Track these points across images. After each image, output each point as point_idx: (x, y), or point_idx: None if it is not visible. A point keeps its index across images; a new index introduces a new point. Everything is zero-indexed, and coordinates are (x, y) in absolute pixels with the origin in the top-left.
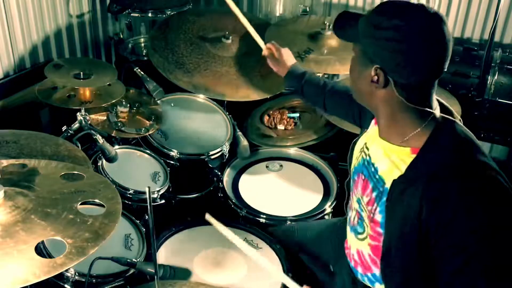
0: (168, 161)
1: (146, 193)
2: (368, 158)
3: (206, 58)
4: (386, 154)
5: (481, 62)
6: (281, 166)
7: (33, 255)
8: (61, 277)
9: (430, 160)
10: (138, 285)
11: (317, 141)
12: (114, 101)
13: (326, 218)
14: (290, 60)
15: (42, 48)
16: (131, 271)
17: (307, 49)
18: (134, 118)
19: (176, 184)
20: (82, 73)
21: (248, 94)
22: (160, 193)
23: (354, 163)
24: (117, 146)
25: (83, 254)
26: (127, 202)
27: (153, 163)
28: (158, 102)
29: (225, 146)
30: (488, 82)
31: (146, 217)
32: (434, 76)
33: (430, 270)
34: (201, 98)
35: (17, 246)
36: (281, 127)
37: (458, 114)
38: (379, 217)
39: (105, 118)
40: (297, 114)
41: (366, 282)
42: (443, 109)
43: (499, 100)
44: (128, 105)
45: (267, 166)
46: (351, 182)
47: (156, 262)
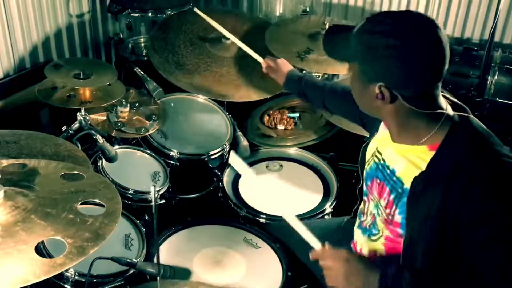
0: (168, 161)
1: (151, 192)
2: (382, 161)
3: (206, 58)
4: (402, 155)
5: (481, 62)
6: (281, 166)
7: (33, 255)
8: (61, 277)
9: (450, 155)
10: (138, 285)
11: (317, 141)
12: (114, 101)
13: (326, 218)
14: (287, 67)
15: (42, 48)
16: (131, 271)
17: (307, 49)
18: (134, 118)
19: (176, 184)
20: (82, 73)
21: (248, 94)
22: (160, 193)
23: (367, 168)
24: (117, 146)
25: (83, 254)
26: (127, 202)
27: (153, 163)
28: (158, 102)
29: (225, 146)
30: (488, 82)
31: (147, 217)
32: (437, 80)
33: (453, 263)
34: (201, 98)
35: (17, 246)
36: (281, 127)
37: None
38: (399, 218)
39: (105, 118)
40: (297, 114)
41: None
42: (455, 105)
43: (499, 100)
44: (128, 105)
45: (267, 166)
46: (365, 188)
47: (159, 261)
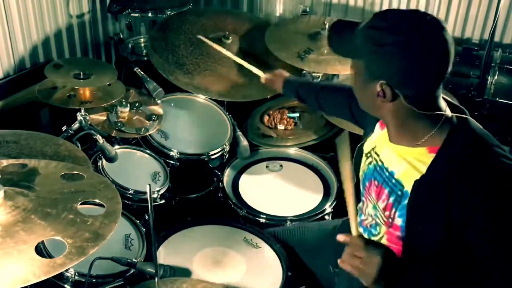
0: (168, 161)
1: (147, 191)
2: (379, 163)
3: (206, 58)
4: (401, 156)
5: (481, 62)
6: (281, 166)
7: (33, 255)
8: (61, 277)
9: (451, 158)
10: (138, 285)
11: (317, 141)
12: (114, 101)
13: (327, 218)
14: (285, 74)
15: (42, 48)
16: (131, 271)
17: (307, 49)
18: (134, 118)
19: (176, 184)
20: (82, 73)
21: (248, 94)
22: (160, 193)
23: (363, 168)
24: (117, 146)
25: (83, 254)
26: (127, 202)
27: (153, 163)
28: (158, 102)
29: (225, 146)
30: (488, 82)
31: (146, 217)
32: (440, 81)
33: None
34: (201, 98)
35: (17, 246)
36: (281, 127)
37: None
38: (399, 221)
39: (105, 118)
40: (297, 114)
41: None
42: (453, 106)
43: (499, 100)
44: (128, 105)
45: (267, 166)
46: (362, 188)
47: (156, 261)
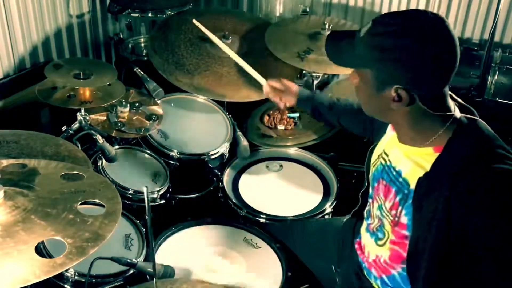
0: (168, 161)
1: (144, 192)
2: (388, 163)
3: (206, 58)
4: (407, 156)
5: (481, 62)
6: (281, 166)
7: (33, 255)
8: (61, 277)
9: (454, 157)
10: (137, 285)
11: (317, 141)
12: (114, 101)
13: (326, 218)
14: (294, 86)
15: (42, 48)
16: (131, 271)
17: (307, 49)
18: (134, 118)
19: (176, 184)
20: (82, 73)
21: (248, 94)
22: (160, 193)
23: (373, 170)
24: (117, 146)
25: (83, 254)
26: (127, 202)
27: (153, 163)
28: (158, 102)
29: (225, 146)
30: (488, 82)
31: (146, 217)
32: (450, 78)
33: (456, 262)
34: (201, 98)
35: (17, 246)
36: (281, 127)
37: None
38: (405, 219)
39: (105, 118)
40: (297, 114)
41: (378, 284)
42: (462, 107)
43: (499, 100)
44: (128, 105)
45: (267, 166)
46: (371, 190)
47: (154, 261)
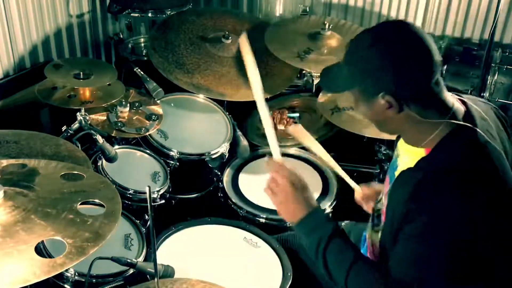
0: (168, 161)
1: (146, 192)
2: (395, 157)
3: (206, 58)
4: (405, 154)
5: (481, 62)
6: None
7: (33, 255)
8: (61, 277)
9: (436, 159)
10: (137, 284)
11: (317, 141)
12: (114, 101)
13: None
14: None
15: (42, 48)
16: (131, 271)
17: (307, 49)
18: (134, 118)
19: (176, 184)
20: (82, 73)
21: (248, 94)
22: (160, 193)
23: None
24: (117, 146)
25: (83, 254)
26: (127, 202)
27: (153, 163)
28: (158, 102)
29: (225, 146)
30: (488, 82)
31: (146, 217)
32: (431, 73)
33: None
34: (201, 98)
35: (17, 246)
36: (281, 127)
37: None
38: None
39: (105, 118)
40: (297, 114)
41: None
42: (467, 112)
43: (499, 100)
44: (128, 105)
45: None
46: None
47: (156, 261)
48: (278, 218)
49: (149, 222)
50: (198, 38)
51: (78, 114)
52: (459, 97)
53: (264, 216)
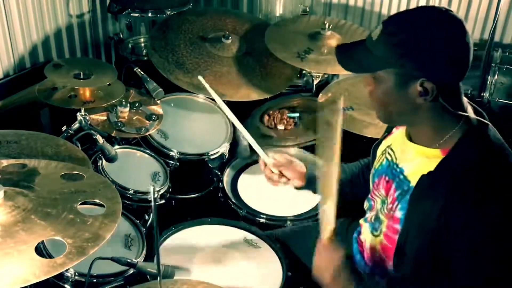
0: (168, 161)
1: (150, 192)
2: (394, 160)
3: (206, 58)
4: (415, 155)
5: (481, 62)
6: None
7: (33, 255)
8: (61, 277)
9: (459, 160)
10: (138, 285)
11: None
12: (114, 101)
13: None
14: (301, 166)
15: (42, 48)
16: (131, 271)
17: (307, 49)
18: (134, 118)
19: (176, 184)
20: (82, 73)
21: (248, 94)
22: (160, 193)
23: (375, 166)
24: (117, 146)
25: (83, 254)
26: (127, 202)
27: (153, 163)
28: (158, 102)
29: (225, 146)
30: (488, 82)
31: (146, 217)
32: (467, 68)
33: (440, 264)
34: (201, 98)
35: (17, 246)
36: (281, 127)
37: None
38: (399, 214)
39: (105, 118)
40: (297, 114)
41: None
42: (475, 110)
43: (499, 100)
44: (128, 105)
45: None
46: (372, 184)
47: (159, 261)
48: (278, 218)
49: (149, 222)
50: (198, 38)
51: (78, 114)
52: None
53: (264, 216)
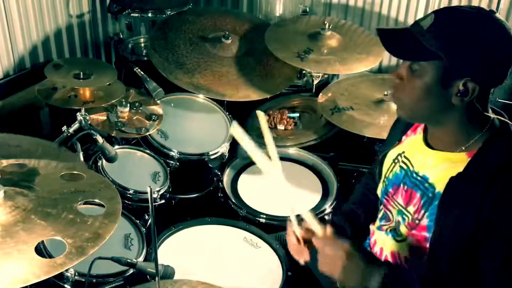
0: (168, 161)
1: (148, 193)
2: (411, 168)
3: (206, 58)
4: (438, 161)
5: None
6: None
7: (33, 255)
8: (61, 277)
9: (490, 159)
10: (138, 285)
11: (317, 141)
12: (114, 101)
13: (327, 218)
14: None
15: (42, 48)
16: (131, 271)
17: (307, 49)
18: (134, 118)
19: (176, 184)
20: (82, 73)
21: (248, 94)
22: (160, 193)
23: (387, 175)
24: (117, 146)
25: (83, 254)
26: (127, 202)
27: (153, 163)
28: (158, 102)
29: (225, 146)
30: None
31: (146, 217)
32: (506, 74)
33: (474, 266)
34: (201, 98)
35: (17, 246)
36: (281, 127)
37: None
38: (426, 221)
39: (105, 118)
40: (297, 114)
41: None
42: (493, 110)
43: (499, 100)
44: (128, 105)
45: None
46: (384, 195)
47: (157, 261)
48: (278, 218)
49: (149, 222)
50: (198, 38)
51: (78, 114)
52: None
53: (264, 216)
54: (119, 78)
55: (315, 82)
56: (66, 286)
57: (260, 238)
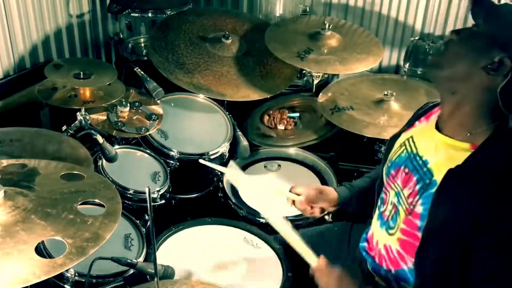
0: (168, 161)
1: (146, 193)
2: (414, 151)
3: (206, 58)
4: (441, 146)
5: None
6: (279, 166)
7: (33, 255)
8: (61, 277)
9: (489, 156)
10: (138, 285)
11: (317, 141)
12: (114, 101)
13: (326, 218)
14: (331, 191)
15: (42, 48)
16: (131, 271)
17: (307, 49)
18: (134, 118)
19: (176, 184)
20: (82, 73)
21: (248, 94)
22: (160, 193)
23: (392, 157)
24: (117, 146)
25: (83, 254)
26: (127, 202)
27: (153, 163)
28: (158, 102)
29: (225, 146)
30: None
31: (146, 217)
32: None
33: (463, 264)
34: (201, 98)
35: (17, 246)
36: (281, 127)
37: None
38: (420, 209)
39: (105, 118)
40: (297, 114)
41: (389, 278)
42: None
43: None
44: (128, 104)
45: (265, 166)
46: (386, 177)
47: (155, 262)
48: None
49: (149, 222)
50: (198, 38)
51: (78, 114)
52: None
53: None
54: (119, 78)
55: (315, 82)
56: (66, 286)
57: (260, 238)
